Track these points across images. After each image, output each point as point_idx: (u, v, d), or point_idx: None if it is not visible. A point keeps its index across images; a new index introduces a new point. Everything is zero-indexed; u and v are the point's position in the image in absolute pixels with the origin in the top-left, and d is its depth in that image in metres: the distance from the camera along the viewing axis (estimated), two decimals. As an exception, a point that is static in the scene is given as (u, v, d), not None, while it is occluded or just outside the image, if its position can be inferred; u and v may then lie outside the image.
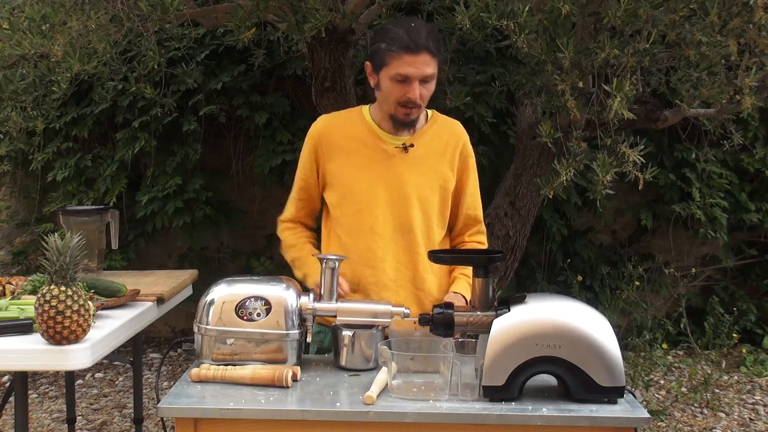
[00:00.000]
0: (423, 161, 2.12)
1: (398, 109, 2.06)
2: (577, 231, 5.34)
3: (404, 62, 1.98)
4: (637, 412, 1.67)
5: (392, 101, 2.05)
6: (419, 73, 1.99)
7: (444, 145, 2.15)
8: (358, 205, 2.11)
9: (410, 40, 1.97)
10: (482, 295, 1.79)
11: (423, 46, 1.97)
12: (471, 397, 1.72)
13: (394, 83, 2.02)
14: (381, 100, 2.11)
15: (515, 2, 2.43)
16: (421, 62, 1.98)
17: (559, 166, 2.63)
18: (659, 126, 3.34)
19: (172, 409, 1.69)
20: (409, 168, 2.11)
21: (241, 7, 2.69)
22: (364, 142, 2.13)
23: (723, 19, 2.39)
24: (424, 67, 1.99)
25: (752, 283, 5.54)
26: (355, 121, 2.17)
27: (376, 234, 2.10)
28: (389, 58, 2.00)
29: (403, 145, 2.11)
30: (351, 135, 2.14)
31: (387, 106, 2.08)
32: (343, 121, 2.19)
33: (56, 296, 1.80)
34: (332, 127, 2.17)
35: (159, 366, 2.15)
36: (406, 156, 2.11)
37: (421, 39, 1.98)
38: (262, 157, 4.99)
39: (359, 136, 2.13)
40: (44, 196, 5.29)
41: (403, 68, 1.99)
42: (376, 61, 2.06)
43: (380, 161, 2.11)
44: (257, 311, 1.88)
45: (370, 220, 2.10)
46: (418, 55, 1.97)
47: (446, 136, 2.17)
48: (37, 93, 3.18)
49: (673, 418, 4.14)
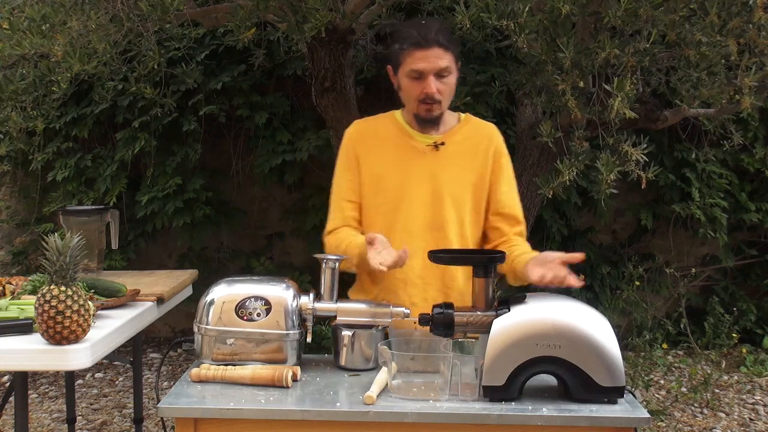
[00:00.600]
0: (454, 159, 2.13)
1: (419, 107, 2.08)
2: (577, 231, 5.34)
3: (416, 58, 2.01)
4: (637, 412, 1.67)
5: (412, 99, 2.09)
6: (432, 66, 2.01)
7: (476, 145, 2.17)
8: (391, 202, 2.12)
9: (420, 36, 2.01)
10: (482, 295, 1.79)
11: (433, 40, 2.00)
12: (471, 397, 1.72)
13: (411, 81, 2.05)
14: (404, 100, 2.15)
15: (515, 2, 2.43)
16: (433, 56, 2.00)
17: (562, 165, 2.63)
18: (659, 126, 3.34)
19: (172, 409, 1.69)
20: (440, 166, 2.12)
21: (241, 7, 2.69)
22: (396, 141, 2.16)
23: (723, 19, 2.39)
24: (436, 60, 2.01)
25: (752, 283, 5.54)
26: (387, 124, 2.20)
27: (406, 231, 2.11)
28: (403, 57, 2.04)
29: (434, 143, 2.13)
30: (383, 136, 2.17)
31: (409, 105, 2.12)
32: (376, 123, 2.22)
33: (56, 296, 1.80)
34: (366, 130, 2.20)
35: (159, 366, 2.15)
36: (438, 154, 2.13)
37: (431, 33, 2.00)
38: (262, 157, 4.99)
39: (391, 136, 2.17)
40: (44, 196, 5.29)
41: (416, 64, 2.02)
42: (393, 63, 2.11)
43: (411, 159, 2.13)
44: (257, 311, 1.88)
45: (401, 217, 2.11)
46: (429, 50, 2.00)
47: (478, 137, 2.18)
48: (37, 93, 3.18)
49: (673, 418, 4.14)
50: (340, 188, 2.20)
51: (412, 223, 2.11)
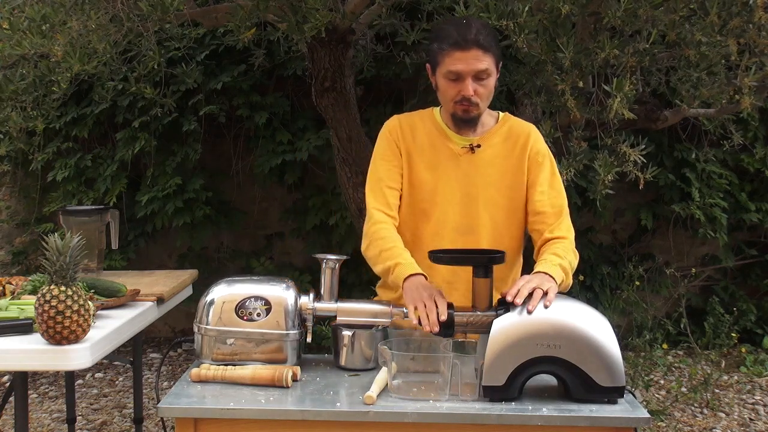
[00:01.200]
0: (490, 162, 2.10)
1: (456, 107, 2.04)
2: (577, 231, 5.31)
3: (455, 59, 1.97)
4: (637, 412, 1.67)
5: (449, 100, 2.05)
6: (470, 68, 1.97)
7: (512, 146, 2.12)
8: (423, 203, 2.10)
9: (459, 36, 1.96)
10: (482, 295, 1.79)
11: (472, 41, 1.95)
12: (471, 397, 1.72)
13: (448, 81, 2.01)
14: (442, 100, 2.11)
15: (515, 2, 2.43)
16: (472, 57, 1.96)
17: (560, 166, 2.63)
18: (659, 126, 3.34)
19: (172, 409, 1.69)
20: (475, 168, 2.09)
21: (241, 7, 2.69)
22: (432, 141, 2.12)
23: (723, 19, 2.39)
24: (475, 62, 1.96)
25: (752, 283, 5.54)
26: (426, 122, 2.16)
27: (436, 234, 2.09)
28: (441, 57, 2.00)
29: (470, 145, 2.10)
30: (421, 134, 2.13)
31: (446, 105, 2.09)
32: (414, 120, 2.17)
33: (56, 296, 1.80)
34: (406, 125, 2.15)
35: (159, 366, 2.15)
36: (473, 156, 2.10)
37: (471, 34, 1.96)
38: (262, 157, 4.99)
39: (429, 135, 2.13)
40: (44, 196, 5.29)
41: (454, 65, 1.97)
42: (431, 62, 2.07)
43: (446, 160, 2.10)
44: (257, 311, 1.88)
45: (432, 219, 2.09)
46: (468, 51, 1.96)
47: (515, 137, 2.13)
48: (37, 93, 3.18)
49: (673, 418, 4.14)
50: (380, 175, 2.12)
51: (442, 226, 2.09)
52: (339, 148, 3.51)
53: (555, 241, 2.07)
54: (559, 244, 2.04)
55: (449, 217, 2.09)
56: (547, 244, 2.07)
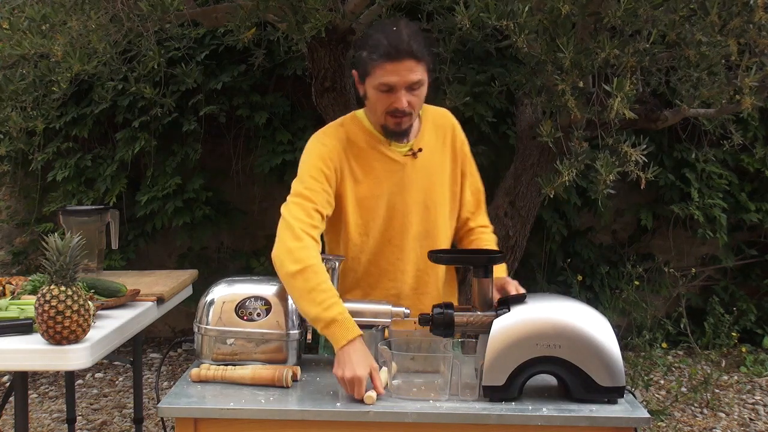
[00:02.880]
0: (430, 163, 2.05)
1: (387, 119, 1.94)
2: (577, 231, 5.34)
3: (386, 71, 1.86)
4: (637, 412, 1.67)
5: (380, 112, 1.94)
6: (403, 81, 1.87)
7: (442, 140, 2.08)
8: (379, 218, 2.02)
9: (390, 47, 1.84)
10: (482, 295, 1.79)
11: (405, 51, 1.84)
12: (471, 397, 1.72)
13: (379, 93, 1.90)
14: (370, 110, 2.01)
15: (515, 2, 2.43)
16: (405, 69, 1.85)
17: (561, 166, 2.63)
18: (659, 126, 3.34)
19: (172, 409, 1.69)
20: (419, 174, 2.03)
21: (241, 7, 2.69)
22: (371, 154, 2.01)
23: (723, 19, 2.39)
24: (408, 74, 1.86)
25: (752, 283, 5.54)
26: (357, 133, 2.02)
27: (396, 246, 2.04)
28: (371, 68, 1.88)
29: (411, 151, 2.03)
30: (359, 146, 2.02)
31: (376, 117, 1.98)
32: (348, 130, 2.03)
33: (56, 296, 1.80)
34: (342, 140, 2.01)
35: (159, 366, 2.15)
36: (416, 162, 2.03)
37: (403, 44, 1.84)
38: (262, 157, 4.99)
39: (366, 147, 2.02)
40: (44, 196, 5.29)
41: (386, 77, 1.87)
42: (360, 71, 1.95)
43: (392, 173, 2.01)
44: (257, 311, 1.88)
45: (390, 232, 2.03)
46: (400, 62, 1.85)
47: (441, 130, 2.09)
48: (37, 93, 3.18)
49: (673, 418, 4.14)
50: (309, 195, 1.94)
51: (401, 237, 2.03)
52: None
53: (480, 231, 2.12)
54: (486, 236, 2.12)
55: (407, 228, 2.03)
56: (473, 233, 2.12)
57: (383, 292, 2.06)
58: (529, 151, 3.46)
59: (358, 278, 2.07)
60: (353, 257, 2.05)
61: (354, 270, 2.06)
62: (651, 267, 5.13)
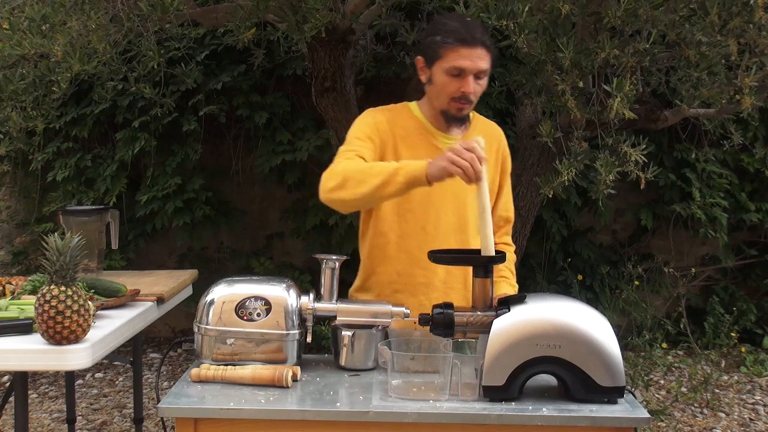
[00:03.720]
0: None
1: (451, 104, 2.02)
2: (577, 231, 5.34)
3: (460, 55, 1.94)
4: (637, 412, 1.67)
5: (446, 95, 2.01)
6: (474, 66, 1.95)
7: (488, 146, 2.08)
8: (410, 203, 2.07)
9: (467, 33, 1.94)
10: (482, 295, 1.79)
11: (479, 39, 1.95)
12: (471, 397, 1.72)
13: (449, 77, 1.98)
14: (433, 95, 2.06)
15: (515, 2, 2.43)
16: (477, 56, 1.95)
17: (561, 166, 2.63)
18: (659, 126, 3.34)
19: (172, 409, 1.69)
20: None
21: (241, 7, 2.69)
22: (417, 140, 2.08)
23: (723, 19, 2.39)
24: (479, 61, 1.95)
25: (752, 283, 5.54)
26: (406, 119, 2.10)
27: (429, 234, 2.07)
28: (445, 51, 1.96)
29: None
30: (405, 133, 2.08)
31: (439, 101, 2.04)
32: (394, 116, 2.10)
33: (56, 296, 1.80)
34: (390, 120, 2.08)
35: (159, 366, 2.16)
36: None
37: (477, 32, 1.95)
38: (262, 157, 4.99)
39: (413, 133, 2.09)
40: (44, 196, 5.29)
41: (459, 61, 1.95)
42: (429, 54, 2.01)
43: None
44: (257, 311, 1.88)
45: (422, 219, 2.07)
46: (474, 49, 1.94)
47: (489, 138, 2.12)
48: (37, 93, 3.18)
49: (673, 418, 4.14)
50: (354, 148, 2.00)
51: (436, 227, 2.08)
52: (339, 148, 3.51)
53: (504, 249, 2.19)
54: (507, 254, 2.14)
55: (441, 218, 2.09)
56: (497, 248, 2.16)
57: (412, 279, 2.09)
58: (529, 151, 3.46)
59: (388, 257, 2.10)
60: (380, 232, 2.10)
61: (381, 248, 2.11)
62: (651, 267, 5.13)
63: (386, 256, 2.11)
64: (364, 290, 2.20)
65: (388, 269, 2.11)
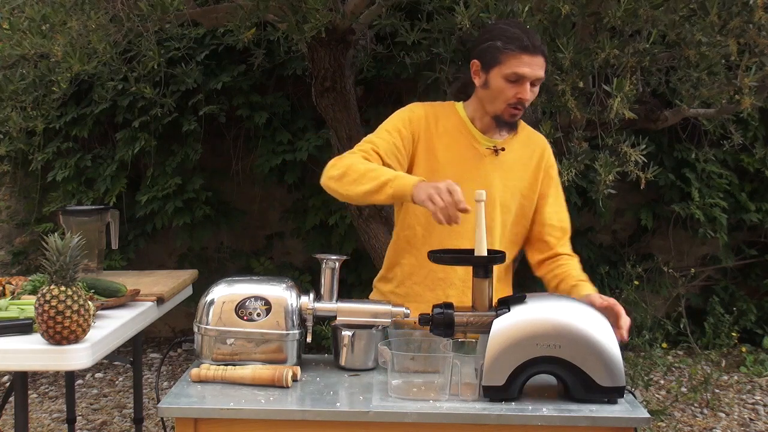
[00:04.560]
0: (510, 167, 2.11)
1: (506, 110, 2.04)
2: (577, 231, 5.33)
3: (522, 62, 1.97)
4: (637, 412, 1.67)
5: (502, 100, 2.03)
6: (534, 74, 1.98)
7: (530, 154, 2.14)
8: None
9: (529, 41, 1.97)
10: (482, 295, 1.79)
11: (539, 48, 1.99)
12: (471, 397, 1.72)
13: (507, 83, 2.00)
14: (487, 99, 2.07)
15: (515, 2, 2.44)
16: (537, 64, 1.98)
17: (561, 166, 2.63)
18: (659, 126, 3.34)
19: (172, 409, 1.69)
20: (496, 171, 2.09)
21: (241, 7, 2.69)
22: (457, 138, 2.10)
23: (723, 19, 2.39)
24: (539, 69, 1.99)
25: (752, 283, 5.54)
26: (450, 117, 2.13)
27: (454, 231, 2.04)
28: (505, 57, 1.98)
29: (494, 147, 2.10)
30: (445, 129, 2.11)
31: (494, 106, 2.06)
32: (438, 112, 2.13)
33: (56, 296, 1.80)
34: (431, 116, 2.11)
35: (159, 366, 2.16)
36: (496, 159, 2.10)
37: (538, 41, 1.99)
38: (262, 157, 4.99)
39: (453, 131, 2.11)
40: (44, 196, 5.29)
41: (520, 68, 1.97)
42: (487, 59, 2.03)
43: (470, 160, 2.09)
44: (257, 311, 1.88)
45: None
46: (534, 57, 1.98)
47: (533, 145, 2.16)
48: (37, 93, 3.19)
49: (673, 418, 4.14)
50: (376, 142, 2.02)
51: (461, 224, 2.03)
52: (339, 148, 3.51)
53: (567, 258, 2.15)
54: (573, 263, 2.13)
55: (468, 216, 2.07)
56: (560, 259, 2.14)
57: (432, 273, 2.09)
58: (529, 151, 3.45)
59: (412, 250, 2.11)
60: (408, 224, 2.12)
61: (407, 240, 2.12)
62: (651, 267, 5.13)
63: (411, 248, 2.13)
64: (386, 280, 2.21)
65: (411, 261, 2.12)
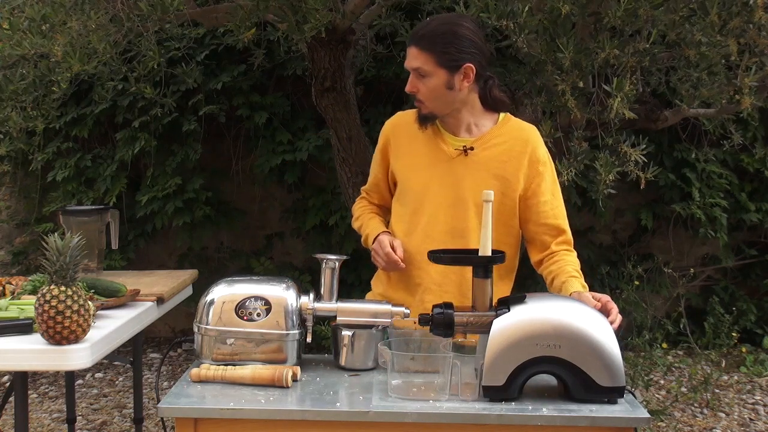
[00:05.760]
0: (484, 166, 2.06)
1: None
2: (577, 231, 5.32)
3: (407, 55, 2.04)
4: (637, 412, 1.67)
5: None
6: (408, 65, 2.03)
7: (508, 150, 2.08)
8: (413, 204, 2.11)
9: (411, 33, 2.04)
10: (482, 295, 1.79)
11: (413, 37, 2.02)
12: (471, 397, 1.72)
13: None
14: None
15: (515, 2, 2.44)
16: (411, 54, 2.01)
17: (561, 166, 2.63)
18: (659, 126, 3.34)
19: (172, 409, 1.69)
20: (467, 171, 2.06)
21: (241, 7, 2.69)
22: (426, 141, 2.11)
23: (723, 19, 2.39)
24: (412, 59, 2.01)
25: (752, 283, 5.54)
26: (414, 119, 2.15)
27: (427, 236, 2.07)
28: None
29: (463, 147, 2.07)
30: (416, 134, 2.12)
31: None
32: (412, 117, 2.15)
33: (56, 296, 1.80)
34: (402, 124, 2.17)
35: (159, 366, 2.16)
36: (466, 159, 2.07)
37: (417, 32, 2.02)
38: (262, 157, 4.99)
39: (422, 135, 2.12)
40: (44, 196, 5.29)
41: (406, 61, 2.04)
42: None
43: (438, 162, 2.08)
44: (257, 311, 1.88)
45: (422, 220, 2.09)
46: (410, 48, 2.02)
47: (513, 141, 2.08)
48: (37, 93, 3.18)
49: (673, 418, 4.14)
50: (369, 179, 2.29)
51: (432, 228, 2.08)
52: (339, 148, 3.51)
53: (563, 254, 2.10)
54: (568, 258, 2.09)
55: (439, 219, 2.08)
56: (555, 256, 2.10)
57: (410, 279, 2.11)
58: (529, 151, 3.45)
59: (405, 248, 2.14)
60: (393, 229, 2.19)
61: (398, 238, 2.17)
62: (651, 267, 5.12)
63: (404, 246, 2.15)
64: (378, 279, 2.26)
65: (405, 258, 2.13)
